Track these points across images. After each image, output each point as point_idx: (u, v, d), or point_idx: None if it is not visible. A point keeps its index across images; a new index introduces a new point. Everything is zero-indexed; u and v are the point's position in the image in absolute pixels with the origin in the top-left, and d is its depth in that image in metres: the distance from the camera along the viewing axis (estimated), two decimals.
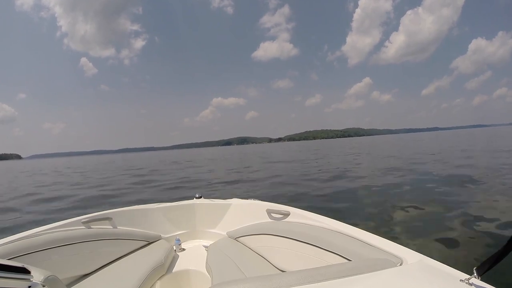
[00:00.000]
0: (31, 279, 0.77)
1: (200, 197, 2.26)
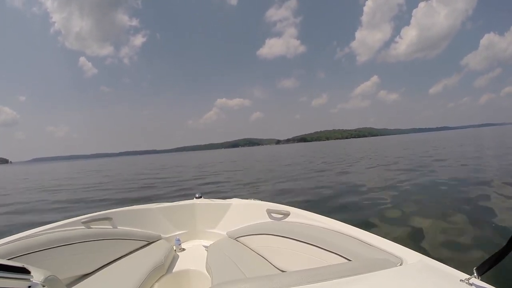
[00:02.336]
0: (31, 279, 0.79)
1: (200, 197, 2.35)
